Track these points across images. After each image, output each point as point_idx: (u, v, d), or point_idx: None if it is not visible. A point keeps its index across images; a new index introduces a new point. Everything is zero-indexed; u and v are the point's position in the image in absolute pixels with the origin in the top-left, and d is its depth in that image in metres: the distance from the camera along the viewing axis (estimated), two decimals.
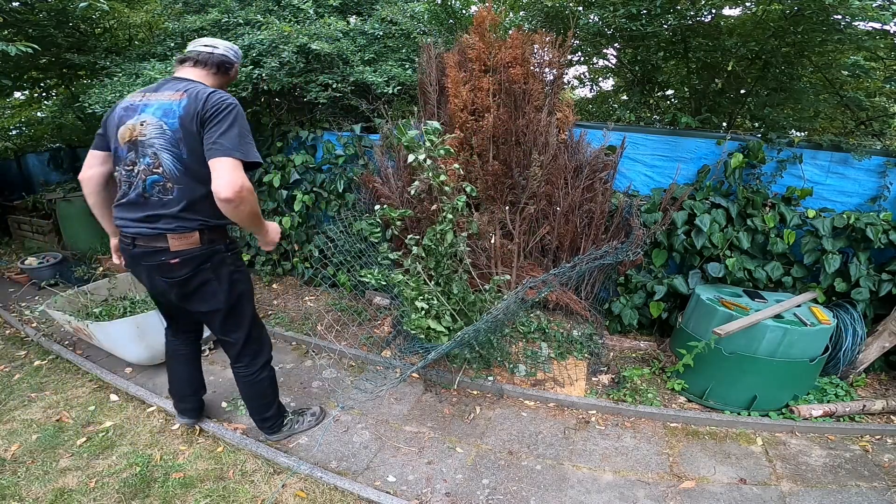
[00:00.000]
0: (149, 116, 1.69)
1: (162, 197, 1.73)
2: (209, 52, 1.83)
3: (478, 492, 2.11)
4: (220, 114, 1.65)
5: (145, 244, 1.77)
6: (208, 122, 1.64)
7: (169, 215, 1.73)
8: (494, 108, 3.14)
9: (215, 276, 1.88)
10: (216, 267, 1.87)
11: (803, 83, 3.46)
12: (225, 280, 1.91)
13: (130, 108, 1.75)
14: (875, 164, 2.93)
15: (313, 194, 3.98)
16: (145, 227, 1.75)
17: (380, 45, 4.03)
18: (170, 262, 1.77)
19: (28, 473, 2.14)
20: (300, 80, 3.63)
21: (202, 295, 1.90)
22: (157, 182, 1.71)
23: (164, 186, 1.72)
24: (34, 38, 3.60)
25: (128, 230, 1.79)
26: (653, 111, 4.51)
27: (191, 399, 2.36)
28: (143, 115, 1.71)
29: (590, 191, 3.21)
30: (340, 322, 3.58)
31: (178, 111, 1.67)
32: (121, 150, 1.75)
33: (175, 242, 1.75)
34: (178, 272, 1.80)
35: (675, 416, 2.62)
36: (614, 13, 3.26)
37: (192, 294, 1.89)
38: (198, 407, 2.42)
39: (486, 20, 3.18)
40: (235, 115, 1.67)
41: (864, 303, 2.88)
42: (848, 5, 2.54)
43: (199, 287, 1.88)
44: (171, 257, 1.76)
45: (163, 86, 1.77)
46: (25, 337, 3.50)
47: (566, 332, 3.29)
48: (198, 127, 1.66)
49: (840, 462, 2.34)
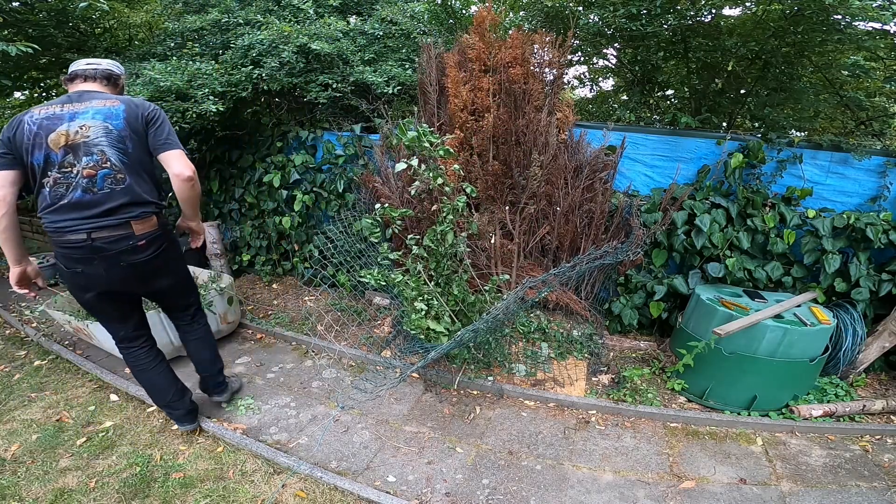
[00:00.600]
0: (89, 120, 1.89)
1: (114, 188, 1.91)
2: (94, 69, 2.05)
3: (478, 492, 2.11)
4: (158, 118, 2.00)
5: (108, 234, 1.91)
6: (152, 125, 1.98)
7: (126, 204, 1.93)
8: (494, 108, 3.14)
9: (173, 250, 2.17)
10: (172, 243, 2.15)
11: (803, 83, 3.46)
12: (176, 253, 2.21)
13: (54, 117, 1.89)
14: (875, 164, 2.93)
15: (313, 194, 3.98)
16: (106, 220, 1.91)
17: (380, 45, 4.02)
18: (138, 244, 1.98)
19: (28, 473, 2.14)
20: (300, 80, 3.63)
21: (167, 269, 2.16)
22: (108, 175, 1.91)
23: (116, 178, 1.92)
24: (34, 38, 3.59)
25: (82, 228, 1.89)
26: (653, 111, 4.51)
27: (179, 404, 2.34)
28: (80, 120, 1.89)
29: (590, 191, 3.21)
30: (340, 322, 3.59)
31: (121, 114, 1.93)
32: (53, 156, 1.87)
33: (138, 227, 1.96)
34: (145, 253, 2.01)
35: (675, 416, 2.62)
36: (614, 13, 3.26)
37: (158, 270, 2.12)
38: (192, 409, 2.41)
39: (486, 20, 3.18)
40: (165, 117, 2.05)
41: (864, 303, 2.88)
42: (848, 5, 2.54)
43: (165, 263, 2.12)
44: (138, 240, 1.97)
45: (81, 97, 1.96)
46: (25, 337, 3.50)
47: (566, 332, 3.29)
48: (143, 126, 1.97)
49: (840, 462, 2.34)
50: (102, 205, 1.88)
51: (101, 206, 1.88)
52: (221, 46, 3.97)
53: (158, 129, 1.99)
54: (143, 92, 3.28)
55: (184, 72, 3.43)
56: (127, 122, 1.93)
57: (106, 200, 1.89)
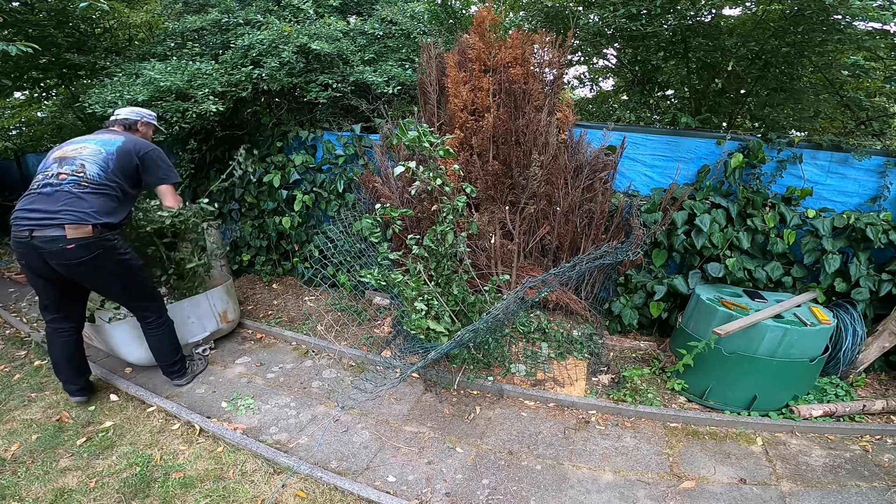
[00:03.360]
0: (90, 144, 2.39)
1: (72, 190, 2.22)
2: (114, 119, 2.62)
3: (478, 492, 2.11)
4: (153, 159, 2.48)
5: (43, 234, 2.17)
6: (148, 163, 2.46)
7: (72, 210, 2.20)
8: (494, 108, 3.14)
9: (109, 263, 2.35)
10: (109, 255, 2.33)
11: (803, 83, 3.46)
12: (112, 267, 2.38)
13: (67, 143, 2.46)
14: (875, 164, 2.93)
15: (313, 194, 3.98)
16: (47, 220, 2.17)
17: (380, 45, 4.02)
18: (66, 247, 2.19)
19: (28, 473, 2.14)
20: (300, 80, 3.63)
21: (96, 277, 2.38)
22: (75, 181, 2.25)
23: (80, 184, 2.25)
24: (34, 38, 3.59)
25: (26, 226, 2.18)
26: (653, 111, 4.51)
27: (78, 380, 2.61)
28: (82, 143, 2.40)
29: (590, 191, 3.21)
30: (340, 322, 3.58)
31: (117, 143, 2.41)
32: (47, 164, 2.33)
33: (71, 231, 2.18)
34: (72, 257, 2.21)
35: (675, 416, 2.62)
36: (614, 13, 3.26)
37: (87, 275, 2.34)
38: (87, 386, 2.67)
39: (486, 20, 3.18)
40: (160, 157, 2.52)
41: (864, 303, 2.88)
42: (848, 5, 2.54)
43: (94, 270, 2.32)
44: (67, 243, 2.18)
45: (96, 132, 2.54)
46: (25, 337, 3.50)
47: (566, 332, 3.29)
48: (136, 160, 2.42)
49: (840, 462, 2.33)
50: (53, 203, 2.19)
51: (52, 204, 2.19)
52: (221, 46, 3.97)
53: (154, 167, 2.48)
54: (143, 92, 3.28)
55: (184, 72, 3.43)
56: (118, 149, 2.38)
57: (59, 199, 2.19)
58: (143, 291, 2.62)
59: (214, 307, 3.22)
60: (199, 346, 3.17)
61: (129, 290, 2.55)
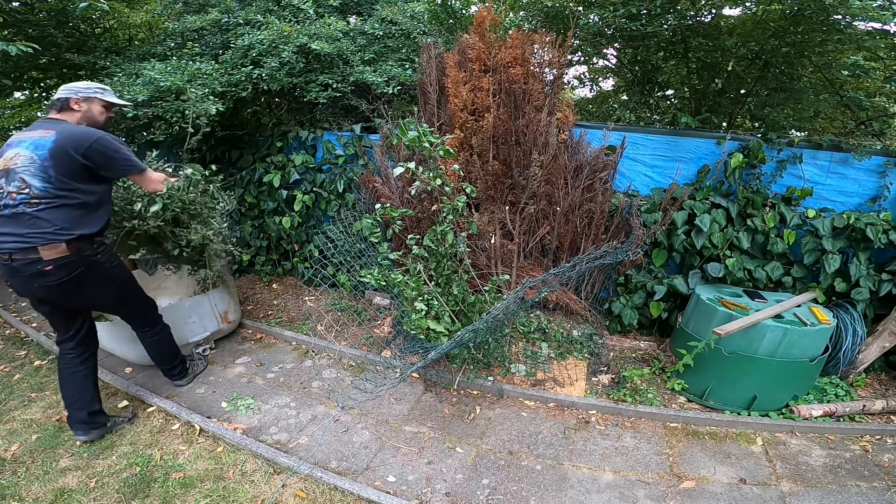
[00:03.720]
0: (22, 150, 2.05)
1: (28, 211, 2.01)
2: (52, 100, 2.23)
3: (478, 492, 2.11)
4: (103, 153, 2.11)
5: (21, 257, 2.03)
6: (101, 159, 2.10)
7: (35, 231, 2.02)
8: (494, 108, 3.14)
9: (94, 273, 2.19)
10: (91, 267, 2.17)
11: (803, 83, 3.46)
12: (99, 275, 2.22)
13: (8, 144, 2.10)
14: (875, 164, 2.93)
15: (313, 194, 3.98)
16: (19, 243, 2.01)
17: (380, 45, 4.02)
18: (45, 269, 2.05)
19: (28, 473, 2.14)
20: (300, 80, 3.63)
21: (84, 291, 2.21)
22: (24, 200, 2.01)
23: (30, 202, 2.02)
24: (34, 38, 3.59)
25: (4, 247, 2.02)
26: (653, 111, 4.51)
27: (77, 414, 2.32)
28: (15, 149, 2.06)
29: (590, 191, 3.21)
30: (340, 322, 3.58)
31: (48, 145, 2.04)
32: None
33: (46, 252, 2.03)
34: (53, 277, 2.07)
35: (675, 416, 2.62)
36: (614, 13, 3.26)
37: (74, 292, 2.18)
38: (87, 422, 2.33)
39: (486, 20, 3.18)
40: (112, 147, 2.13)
41: (864, 303, 2.88)
42: (848, 5, 2.54)
43: (79, 285, 2.16)
44: (45, 265, 2.04)
45: (33, 126, 2.14)
46: (25, 337, 3.50)
47: (566, 332, 3.29)
48: (79, 157, 2.05)
49: (840, 462, 2.34)
50: (19, 226, 2.01)
51: (19, 227, 2.01)
52: (221, 46, 3.97)
53: (108, 161, 2.13)
54: (143, 92, 3.28)
55: (184, 72, 3.43)
56: (51, 151, 2.03)
57: (23, 222, 2.01)
58: (137, 302, 2.53)
59: (216, 307, 3.22)
60: (200, 345, 3.17)
61: (122, 302, 2.45)
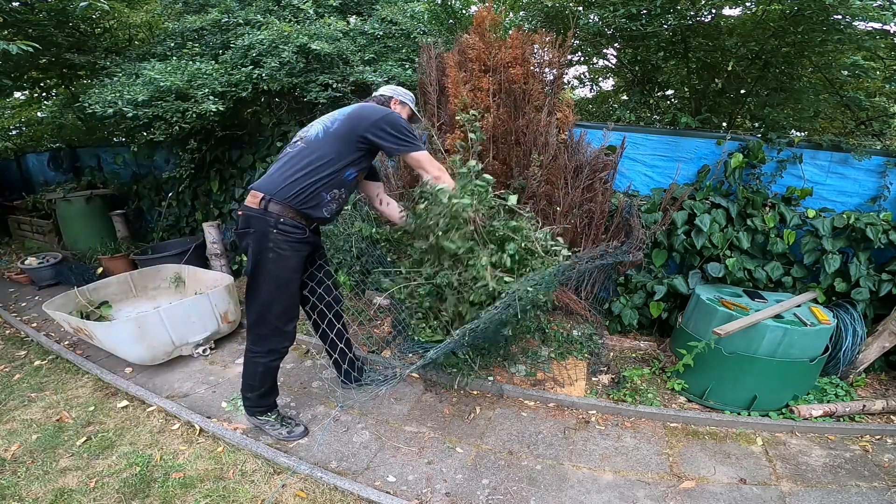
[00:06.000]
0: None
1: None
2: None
3: (478, 492, 2.11)
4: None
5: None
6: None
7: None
8: (494, 108, 3.14)
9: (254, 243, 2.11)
10: (260, 237, 2.10)
11: (803, 83, 3.46)
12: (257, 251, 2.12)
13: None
14: (875, 164, 2.93)
15: None
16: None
17: (380, 45, 4.02)
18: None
19: (28, 473, 2.14)
20: (300, 80, 3.63)
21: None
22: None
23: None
24: (34, 37, 3.59)
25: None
26: (653, 111, 4.51)
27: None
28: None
29: (590, 191, 3.21)
30: None
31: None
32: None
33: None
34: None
35: (675, 416, 2.62)
36: (614, 13, 3.26)
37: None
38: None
39: (486, 20, 3.18)
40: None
41: (864, 303, 2.88)
42: (848, 5, 2.54)
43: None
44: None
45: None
46: (25, 337, 3.50)
47: (566, 332, 3.28)
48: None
49: (840, 462, 2.34)
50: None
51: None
52: (221, 46, 3.97)
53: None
54: (143, 92, 3.28)
55: (184, 72, 3.43)
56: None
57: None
58: (255, 297, 2.19)
59: (216, 307, 3.22)
60: (200, 345, 3.17)
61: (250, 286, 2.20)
